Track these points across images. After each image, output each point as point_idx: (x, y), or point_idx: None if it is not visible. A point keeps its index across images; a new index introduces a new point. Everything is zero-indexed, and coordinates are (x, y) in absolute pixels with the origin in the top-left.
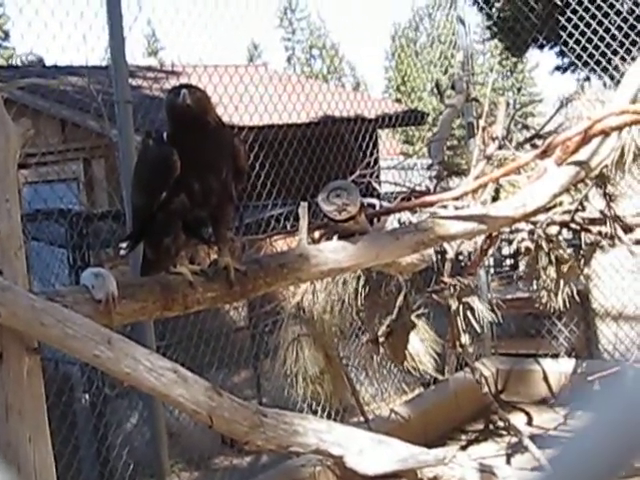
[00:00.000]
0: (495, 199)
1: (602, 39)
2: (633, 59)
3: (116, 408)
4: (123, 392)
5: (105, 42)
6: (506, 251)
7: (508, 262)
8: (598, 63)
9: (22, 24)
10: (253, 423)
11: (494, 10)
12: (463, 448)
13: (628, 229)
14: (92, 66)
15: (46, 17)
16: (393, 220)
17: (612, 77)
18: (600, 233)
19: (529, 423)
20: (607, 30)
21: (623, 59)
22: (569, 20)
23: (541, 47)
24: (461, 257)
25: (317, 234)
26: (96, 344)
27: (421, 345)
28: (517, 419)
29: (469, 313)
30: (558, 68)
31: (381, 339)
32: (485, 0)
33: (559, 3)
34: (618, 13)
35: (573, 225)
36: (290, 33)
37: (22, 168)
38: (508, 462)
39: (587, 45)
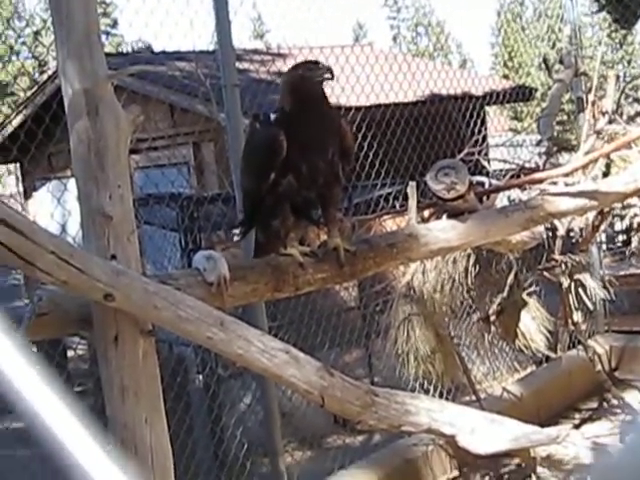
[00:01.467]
0: (606, 174)
1: None
2: None
3: (229, 389)
4: (236, 373)
5: (211, 27)
6: (618, 227)
7: (620, 238)
8: None
9: (130, 12)
10: (365, 403)
11: None
12: (577, 427)
13: None
14: (199, 51)
15: (153, 4)
16: (502, 198)
17: None
18: None
19: None
20: None
21: None
22: None
23: None
24: (572, 234)
25: (426, 213)
26: (209, 326)
27: (533, 323)
28: (631, 397)
29: (581, 290)
30: None
31: (492, 317)
32: None
33: None
34: None
35: None
36: (395, 12)
37: (133, 153)
38: (622, 441)
39: None
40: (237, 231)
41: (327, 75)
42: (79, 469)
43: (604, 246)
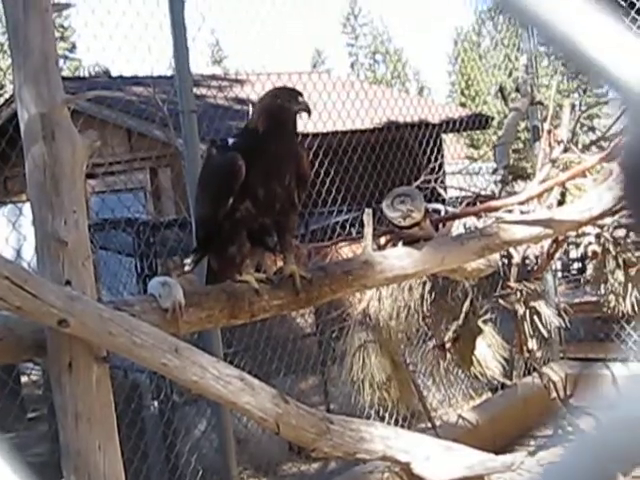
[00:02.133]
0: (561, 203)
1: None
2: None
3: (184, 415)
4: (191, 399)
5: (169, 52)
6: (573, 255)
7: (575, 266)
8: None
9: (87, 36)
10: (320, 430)
11: None
12: (532, 454)
13: None
14: (157, 76)
15: (111, 29)
16: (458, 225)
17: None
18: None
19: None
20: None
21: None
22: (634, 20)
23: None
24: (527, 261)
25: (382, 240)
26: (163, 352)
27: (488, 350)
28: (586, 425)
29: (536, 318)
30: None
31: (448, 345)
32: None
33: (622, 3)
34: None
35: None
36: (353, 39)
37: (90, 178)
38: None
39: None
40: (189, 260)
41: (304, 110)
42: None
43: (559, 274)
